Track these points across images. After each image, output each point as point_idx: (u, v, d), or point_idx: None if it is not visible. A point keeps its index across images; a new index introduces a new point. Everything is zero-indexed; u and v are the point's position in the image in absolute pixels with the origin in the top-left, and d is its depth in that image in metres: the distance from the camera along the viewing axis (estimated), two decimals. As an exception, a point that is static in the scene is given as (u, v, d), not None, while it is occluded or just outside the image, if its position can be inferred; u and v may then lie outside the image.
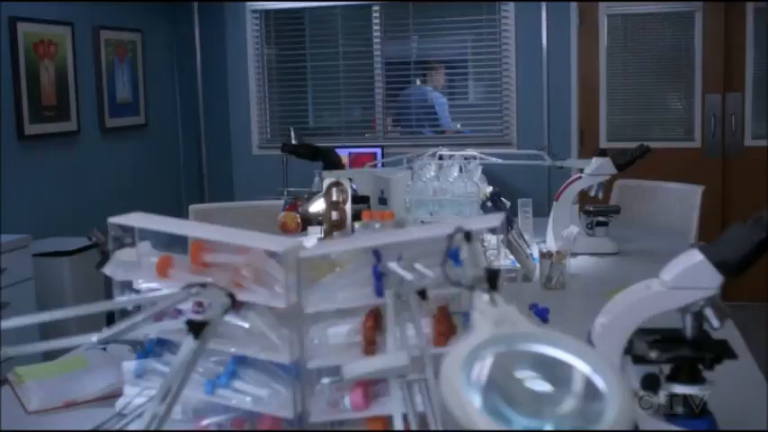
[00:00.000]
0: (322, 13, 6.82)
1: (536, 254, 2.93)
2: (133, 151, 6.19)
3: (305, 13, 6.82)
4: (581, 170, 3.35)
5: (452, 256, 1.25)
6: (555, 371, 0.86)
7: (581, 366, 0.85)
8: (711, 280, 1.43)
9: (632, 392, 1.48)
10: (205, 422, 1.55)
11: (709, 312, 1.45)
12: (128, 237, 1.67)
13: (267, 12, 6.82)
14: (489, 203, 2.87)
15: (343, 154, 6.16)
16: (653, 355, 1.45)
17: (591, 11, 6.16)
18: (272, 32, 6.89)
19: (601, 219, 3.32)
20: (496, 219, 1.31)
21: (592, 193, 3.34)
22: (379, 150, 6.34)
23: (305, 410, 1.43)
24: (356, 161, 6.13)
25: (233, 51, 6.82)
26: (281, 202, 3.62)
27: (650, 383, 1.48)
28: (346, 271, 1.43)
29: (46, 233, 4.89)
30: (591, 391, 0.83)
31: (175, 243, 1.63)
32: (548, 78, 6.31)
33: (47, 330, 3.59)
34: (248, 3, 6.75)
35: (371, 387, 1.42)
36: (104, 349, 2.21)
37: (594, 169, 3.29)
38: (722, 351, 1.47)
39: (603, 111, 6.17)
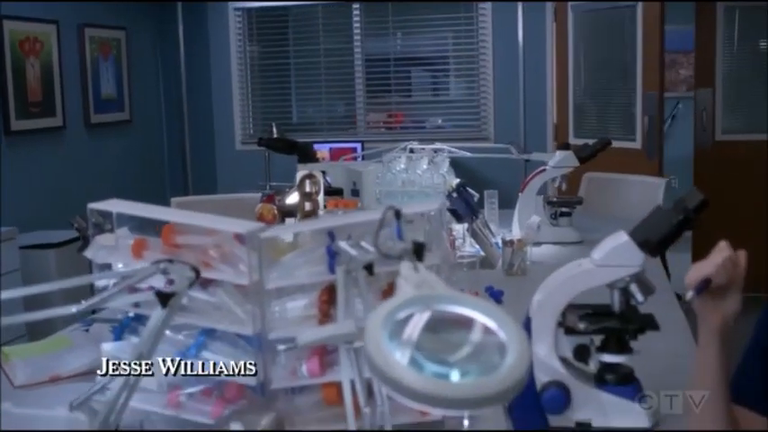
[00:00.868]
0: (304, 11, 6.95)
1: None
2: (118, 146, 6.31)
3: (288, 10, 6.95)
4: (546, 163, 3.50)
5: (398, 233, 1.40)
6: (465, 326, 1.01)
7: (487, 321, 0.99)
8: (635, 258, 1.58)
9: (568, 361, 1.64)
10: (178, 392, 1.69)
11: (634, 288, 1.60)
12: (107, 223, 1.81)
13: (249, 10, 6.94)
14: (455, 194, 3.00)
15: (325, 149, 6.31)
16: (581, 326, 1.61)
17: (564, 7, 6.26)
18: (255, 30, 7.02)
19: (564, 209, 3.47)
20: (433, 204, 1.46)
21: (555, 185, 3.49)
22: (359, 145, 6.47)
23: (267, 378, 1.58)
24: (337, 156, 6.25)
25: (216, 48, 6.94)
26: (259, 194, 3.76)
27: (581, 353, 1.64)
28: (304, 251, 1.58)
29: (33, 226, 5.00)
30: (494, 341, 0.98)
31: (151, 228, 1.77)
32: (524, 75, 6.44)
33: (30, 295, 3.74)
34: (231, 3, 6.87)
35: (327, 356, 1.56)
36: (87, 330, 2.35)
37: (558, 162, 3.44)
38: (646, 323, 1.62)
39: (571, 107, 6.28)
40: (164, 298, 1.31)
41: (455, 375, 0.94)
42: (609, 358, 1.64)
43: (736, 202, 6.05)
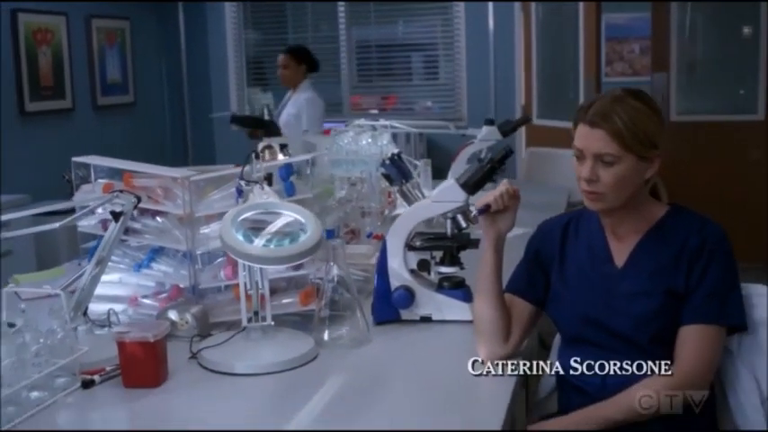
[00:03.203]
0: (298, 3, 7.58)
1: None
2: (122, 127, 6.94)
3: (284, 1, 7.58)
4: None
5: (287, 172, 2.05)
6: (289, 221, 1.65)
7: (298, 216, 1.63)
8: (459, 195, 2.20)
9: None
10: (137, 296, 2.33)
11: (459, 218, 2.22)
12: (89, 176, 2.46)
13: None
14: (388, 161, 3.61)
15: (312, 128, 6.94)
16: (417, 243, 2.24)
17: (528, 5, 6.85)
18: (250, 18, 7.64)
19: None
20: (307, 156, 2.10)
21: (481, 156, 4.09)
22: (343, 125, 7.07)
23: (197, 281, 2.21)
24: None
25: (213, 36, 7.57)
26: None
27: (423, 265, 2.26)
28: (221, 189, 2.21)
29: (44, 197, 5.64)
30: (300, 227, 1.61)
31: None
32: (494, 60, 7.03)
33: (42, 251, 4.46)
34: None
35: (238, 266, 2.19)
36: (79, 264, 2.99)
37: (483, 136, 4.03)
38: (467, 243, 2.25)
39: (535, 91, 6.88)
40: (116, 215, 1.96)
41: (273, 244, 1.58)
42: (444, 269, 2.26)
43: (689, 175, 6.62)
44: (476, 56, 7.12)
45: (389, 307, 2.24)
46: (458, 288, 2.27)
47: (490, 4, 6.94)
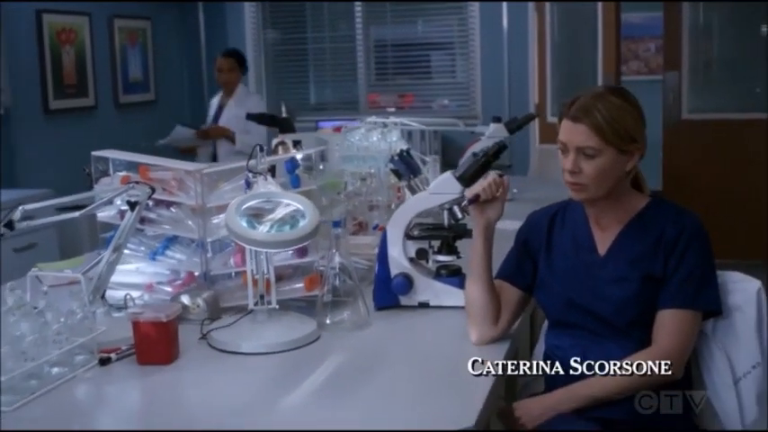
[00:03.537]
0: (316, 3, 7.71)
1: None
2: (144, 124, 7.09)
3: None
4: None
5: (290, 167, 2.18)
6: (290, 209, 1.78)
7: (299, 205, 1.76)
8: (455, 187, 2.32)
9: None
10: (153, 282, 2.47)
11: (455, 209, 2.35)
12: (108, 169, 2.60)
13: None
14: (396, 157, 3.74)
15: (329, 126, 7.09)
16: (415, 232, 2.37)
17: (542, 5, 6.96)
18: (269, 17, 7.79)
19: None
20: (310, 150, 2.24)
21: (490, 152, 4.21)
22: (356, 122, 7.21)
23: (208, 268, 2.35)
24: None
25: (233, 34, 7.72)
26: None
27: (420, 254, 2.39)
28: (231, 182, 2.35)
29: (67, 193, 5.81)
30: (299, 214, 1.75)
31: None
32: (509, 59, 7.14)
33: (64, 245, 4.61)
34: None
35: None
36: (99, 254, 3.14)
37: (490, 133, 4.15)
38: (462, 233, 2.38)
39: (549, 90, 6.98)
40: (132, 205, 2.10)
41: (274, 229, 1.72)
42: (441, 258, 2.39)
43: (699, 171, 6.70)
44: (490, 55, 7.23)
45: (389, 293, 2.37)
46: (454, 276, 2.40)
47: (504, 4, 7.06)
